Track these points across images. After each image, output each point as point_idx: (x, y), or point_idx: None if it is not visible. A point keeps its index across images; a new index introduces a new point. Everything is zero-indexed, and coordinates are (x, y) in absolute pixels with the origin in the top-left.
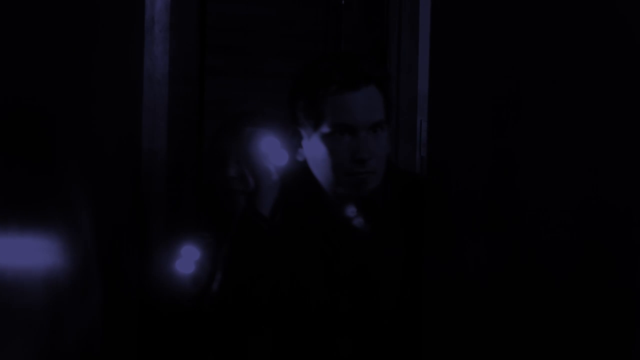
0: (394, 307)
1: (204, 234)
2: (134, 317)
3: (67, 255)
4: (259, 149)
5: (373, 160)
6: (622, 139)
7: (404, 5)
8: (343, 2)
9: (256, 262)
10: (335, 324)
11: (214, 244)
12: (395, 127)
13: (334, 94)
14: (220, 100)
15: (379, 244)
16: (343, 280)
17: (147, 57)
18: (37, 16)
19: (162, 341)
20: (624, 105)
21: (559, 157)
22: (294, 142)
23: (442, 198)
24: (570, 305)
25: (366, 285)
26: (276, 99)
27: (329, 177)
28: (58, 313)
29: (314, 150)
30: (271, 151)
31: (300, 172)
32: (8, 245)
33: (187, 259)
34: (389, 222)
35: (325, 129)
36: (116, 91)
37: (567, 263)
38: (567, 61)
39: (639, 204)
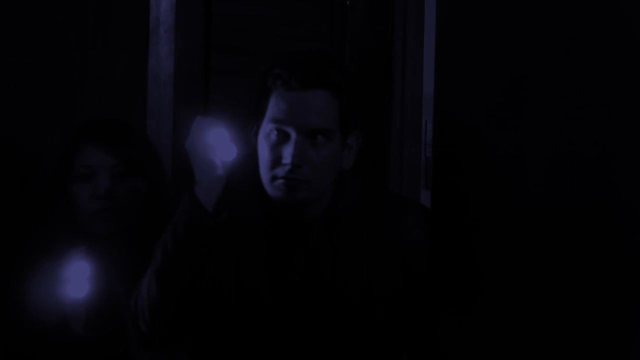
0: (349, 325)
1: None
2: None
3: None
4: (206, 140)
5: (306, 169)
6: (627, 135)
7: (409, 6)
8: (348, 2)
9: (202, 263)
10: (278, 332)
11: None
12: (401, 128)
13: (277, 89)
14: (225, 100)
15: (333, 260)
16: (288, 288)
17: (153, 58)
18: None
19: None
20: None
21: (566, 155)
22: (251, 135)
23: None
24: (578, 304)
25: (315, 298)
26: None
27: (263, 177)
28: None
29: (258, 147)
30: (218, 144)
31: (249, 168)
32: None
33: (78, 280)
34: (351, 241)
35: (267, 125)
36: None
37: (573, 261)
38: (571, 59)
39: None
